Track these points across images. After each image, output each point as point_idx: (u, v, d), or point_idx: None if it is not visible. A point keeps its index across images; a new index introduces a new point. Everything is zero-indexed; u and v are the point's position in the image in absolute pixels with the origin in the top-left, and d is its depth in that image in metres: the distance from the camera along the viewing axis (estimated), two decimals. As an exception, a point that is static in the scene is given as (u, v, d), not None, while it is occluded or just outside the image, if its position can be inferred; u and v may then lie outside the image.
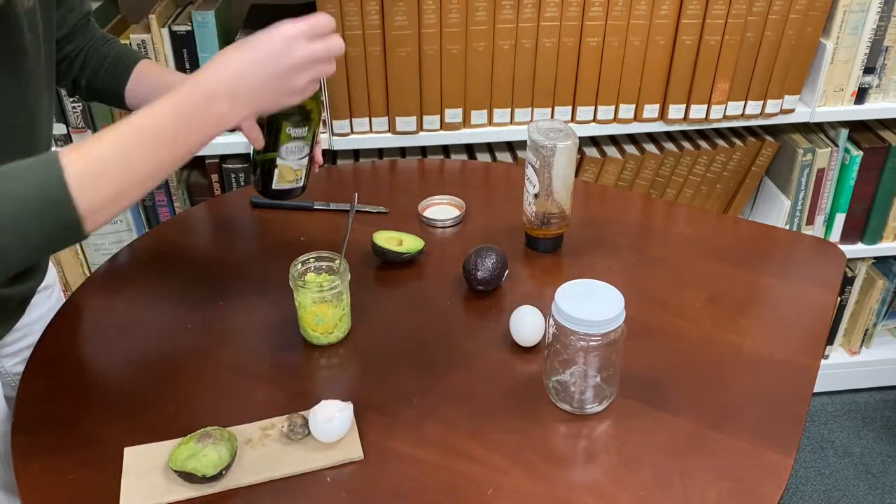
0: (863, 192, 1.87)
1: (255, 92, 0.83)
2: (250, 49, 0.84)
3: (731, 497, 0.85)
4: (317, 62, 0.87)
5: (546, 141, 1.13)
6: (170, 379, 1.01)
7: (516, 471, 0.88)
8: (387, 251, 1.19)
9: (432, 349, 1.05)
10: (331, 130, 1.66)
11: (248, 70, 0.83)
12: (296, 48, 0.85)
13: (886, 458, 2.05)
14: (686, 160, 1.80)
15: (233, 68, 0.82)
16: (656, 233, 1.29)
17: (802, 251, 1.25)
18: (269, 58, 0.84)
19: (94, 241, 1.70)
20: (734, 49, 1.64)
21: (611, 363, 0.93)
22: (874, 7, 1.64)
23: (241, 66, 0.82)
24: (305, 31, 0.86)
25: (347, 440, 0.91)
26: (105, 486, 0.86)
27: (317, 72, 0.87)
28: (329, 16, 0.89)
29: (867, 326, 2.15)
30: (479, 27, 1.58)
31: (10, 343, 1.11)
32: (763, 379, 1.00)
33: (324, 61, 0.88)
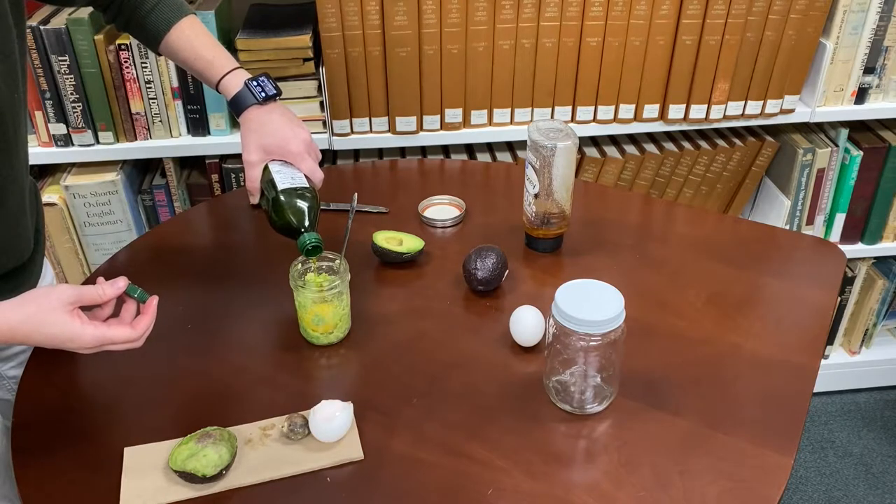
0: (863, 192, 1.87)
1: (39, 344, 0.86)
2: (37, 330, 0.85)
3: (731, 497, 0.85)
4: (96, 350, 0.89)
5: (546, 141, 1.13)
6: (170, 379, 1.01)
7: (516, 471, 0.88)
8: (387, 251, 1.19)
9: (432, 349, 1.05)
10: (331, 130, 1.66)
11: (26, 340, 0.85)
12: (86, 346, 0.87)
13: (886, 458, 2.05)
14: (686, 160, 1.80)
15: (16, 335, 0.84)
16: (656, 233, 1.29)
17: (802, 251, 1.25)
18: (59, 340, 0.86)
19: (93, 242, 1.70)
20: (734, 49, 1.64)
21: (611, 363, 0.93)
22: (874, 7, 1.64)
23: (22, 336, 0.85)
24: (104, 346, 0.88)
25: (347, 440, 0.91)
26: (105, 486, 0.86)
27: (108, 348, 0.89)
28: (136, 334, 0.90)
29: (867, 326, 2.15)
30: (479, 27, 1.57)
31: (6, 347, 1.11)
32: (763, 379, 1.00)
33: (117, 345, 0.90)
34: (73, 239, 1.69)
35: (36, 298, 0.86)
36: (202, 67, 1.13)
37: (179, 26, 1.13)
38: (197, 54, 1.13)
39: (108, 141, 1.63)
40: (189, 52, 1.13)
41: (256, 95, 1.10)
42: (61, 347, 0.87)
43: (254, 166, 1.08)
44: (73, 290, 0.87)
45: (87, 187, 1.63)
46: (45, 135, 1.62)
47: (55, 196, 1.63)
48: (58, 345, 0.86)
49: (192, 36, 1.13)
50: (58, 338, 0.85)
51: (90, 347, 0.87)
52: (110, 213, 1.67)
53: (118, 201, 1.66)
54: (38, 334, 0.85)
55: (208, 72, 1.13)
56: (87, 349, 0.88)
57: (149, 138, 1.65)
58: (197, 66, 1.13)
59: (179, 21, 1.13)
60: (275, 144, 1.09)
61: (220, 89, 1.12)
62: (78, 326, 0.86)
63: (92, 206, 1.65)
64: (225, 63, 1.13)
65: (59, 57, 1.54)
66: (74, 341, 0.86)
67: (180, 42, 1.13)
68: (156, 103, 1.61)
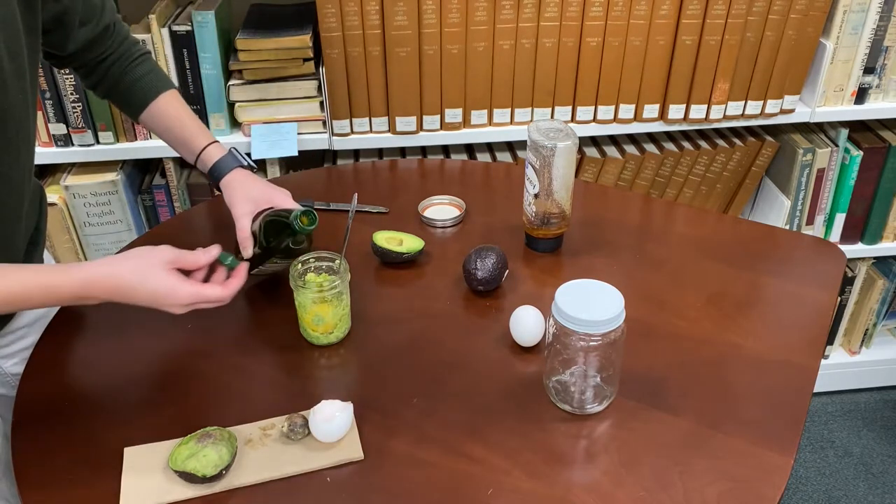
0: (863, 192, 1.87)
1: (131, 301, 0.94)
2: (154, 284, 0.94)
3: (731, 497, 0.85)
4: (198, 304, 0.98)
5: (546, 141, 1.13)
6: (170, 379, 1.01)
7: (516, 471, 0.88)
8: (387, 251, 1.19)
9: (432, 349, 1.05)
10: (331, 130, 1.66)
11: (141, 295, 0.94)
12: (183, 303, 0.96)
13: (886, 458, 2.05)
14: (686, 160, 1.80)
15: (120, 288, 0.93)
16: (656, 233, 1.29)
17: (802, 251, 1.25)
18: (158, 297, 0.95)
19: (94, 242, 1.70)
20: (734, 49, 1.64)
21: (611, 363, 0.93)
22: (874, 7, 1.64)
23: (130, 292, 0.93)
24: (197, 303, 0.97)
25: (347, 440, 0.91)
26: (105, 486, 0.86)
27: (199, 306, 0.98)
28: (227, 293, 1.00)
29: (867, 326, 2.15)
30: (479, 27, 1.57)
31: (8, 344, 1.11)
32: (763, 379, 1.00)
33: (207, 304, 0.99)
34: (73, 239, 1.69)
35: (141, 254, 0.96)
36: (190, 134, 1.19)
37: (167, 96, 1.19)
38: (184, 123, 1.19)
39: (108, 141, 1.63)
40: (176, 120, 1.19)
41: (241, 160, 1.18)
42: (156, 305, 0.95)
43: (244, 217, 1.12)
44: (174, 252, 0.97)
45: (87, 187, 1.63)
46: (46, 135, 1.62)
47: (55, 196, 1.63)
48: (156, 300, 0.94)
49: (179, 106, 1.20)
50: (158, 292, 0.94)
51: (184, 305, 0.96)
52: (110, 213, 1.67)
53: (118, 201, 1.66)
54: (142, 287, 0.93)
55: (196, 139, 1.19)
56: (181, 306, 0.96)
57: (149, 138, 1.65)
58: (184, 133, 1.19)
59: (167, 91, 1.19)
60: (262, 196, 1.13)
61: (204, 155, 1.18)
62: (177, 282, 0.95)
63: (92, 206, 1.65)
64: (209, 135, 1.20)
65: (59, 57, 1.54)
66: (171, 297, 0.94)
67: (169, 109, 1.19)
68: (156, 103, 1.61)
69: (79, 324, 1.11)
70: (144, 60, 1.19)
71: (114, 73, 1.17)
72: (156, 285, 0.94)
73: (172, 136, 1.20)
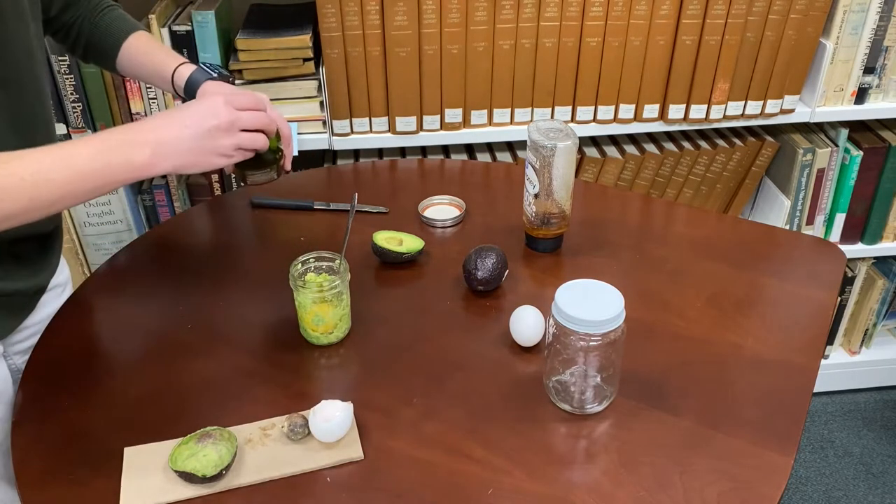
0: (863, 192, 1.87)
1: (179, 145, 0.88)
2: (186, 107, 0.90)
3: (731, 497, 0.85)
4: (241, 129, 0.91)
5: (546, 141, 1.13)
6: (170, 379, 1.01)
7: (516, 471, 0.88)
8: (387, 251, 1.19)
9: (432, 349, 1.05)
10: (331, 130, 1.66)
11: (177, 123, 0.88)
12: (224, 112, 0.91)
13: (886, 458, 2.05)
14: (686, 160, 1.80)
15: (165, 119, 0.88)
16: (656, 233, 1.29)
17: (802, 251, 1.25)
18: (198, 116, 0.89)
19: (93, 242, 1.70)
20: (734, 49, 1.64)
21: (611, 363, 0.93)
22: (874, 7, 1.64)
23: (173, 118, 0.88)
24: (233, 101, 0.93)
25: (347, 440, 0.91)
26: (105, 486, 0.86)
27: (241, 140, 0.92)
28: (256, 95, 0.98)
29: (867, 326, 2.15)
30: (479, 27, 1.57)
31: (21, 340, 1.11)
32: (763, 379, 1.00)
33: (249, 132, 0.93)
34: (74, 239, 1.69)
35: None
36: (160, 61, 1.15)
37: (135, 36, 1.18)
38: (154, 53, 1.16)
39: (108, 141, 1.63)
40: (145, 54, 1.16)
41: (211, 72, 1.14)
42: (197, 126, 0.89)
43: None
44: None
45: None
46: (45, 135, 1.62)
47: (55, 196, 1.63)
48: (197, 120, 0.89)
49: (148, 41, 1.18)
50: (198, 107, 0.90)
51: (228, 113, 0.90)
52: (110, 213, 1.67)
53: (118, 201, 1.66)
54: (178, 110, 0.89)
55: (165, 64, 1.15)
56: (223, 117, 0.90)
57: (149, 138, 1.65)
58: (154, 62, 1.16)
59: (135, 32, 1.18)
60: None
61: (176, 77, 1.14)
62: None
63: (92, 205, 1.65)
64: (179, 58, 1.16)
65: (59, 57, 1.54)
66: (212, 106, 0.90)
67: (139, 46, 1.17)
68: (156, 103, 1.61)
69: (79, 323, 1.11)
70: (110, 10, 1.19)
71: (85, 29, 1.17)
72: (189, 105, 0.90)
73: (146, 71, 1.18)
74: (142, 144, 0.86)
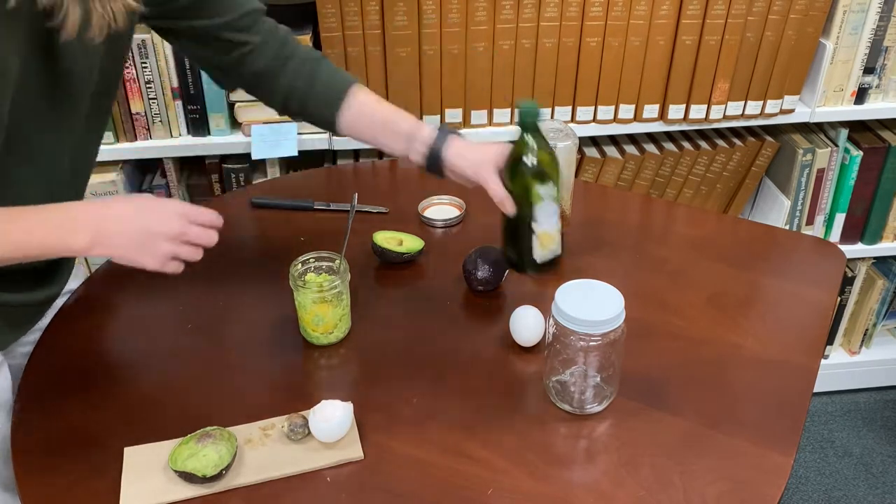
0: (863, 192, 1.87)
1: (119, 238, 0.87)
2: (136, 203, 0.90)
3: (731, 497, 0.85)
4: (184, 243, 0.91)
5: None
6: (170, 379, 1.01)
7: (516, 471, 0.88)
8: (387, 251, 1.19)
9: (432, 349, 1.05)
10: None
11: (124, 216, 0.88)
12: (176, 223, 0.90)
13: (886, 458, 2.05)
14: (686, 160, 1.80)
15: (112, 209, 0.88)
16: (656, 233, 1.29)
17: (802, 251, 1.25)
18: (147, 217, 0.89)
19: (94, 241, 1.70)
20: (734, 49, 1.64)
21: (611, 363, 0.93)
22: (874, 7, 1.64)
23: (121, 210, 0.88)
24: (190, 214, 0.92)
25: (347, 440, 0.91)
26: (105, 486, 0.86)
27: (180, 251, 0.92)
28: (217, 214, 0.95)
29: (867, 326, 2.15)
30: (479, 27, 1.57)
31: (31, 342, 1.11)
32: (763, 379, 1.00)
33: (192, 245, 0.92)
34: (73, 239, 1.69)
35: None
36: (401, 118, 1.12)
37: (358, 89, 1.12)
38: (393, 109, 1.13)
39: (108, 141, 1.63)
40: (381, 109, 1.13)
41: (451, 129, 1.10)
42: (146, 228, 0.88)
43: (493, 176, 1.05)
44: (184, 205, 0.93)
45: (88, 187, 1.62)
46: (45, 135, 1.62)
47: (55, 196, 1.63)
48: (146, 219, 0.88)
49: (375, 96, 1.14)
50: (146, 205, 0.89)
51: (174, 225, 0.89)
52: (110, 213, 1.67)
53: (118, 201, 1.66)
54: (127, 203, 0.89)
55: (409, 121, 1.12)
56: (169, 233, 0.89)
57: (149, 138, 1.65)
58: (396, 118, 1.12)
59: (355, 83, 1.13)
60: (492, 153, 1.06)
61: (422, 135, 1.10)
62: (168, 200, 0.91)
63: (92, 206, 1.65)
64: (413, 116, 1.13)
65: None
66: (160, 210, 0.89)
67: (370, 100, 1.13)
68: (156, 103, 1.61)
69: (80, 323, 1.11)
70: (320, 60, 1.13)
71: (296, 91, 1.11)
72: (144, 201, 0.89)
73: (380, 129, 1.12)
74: (83, 230, 0.85)
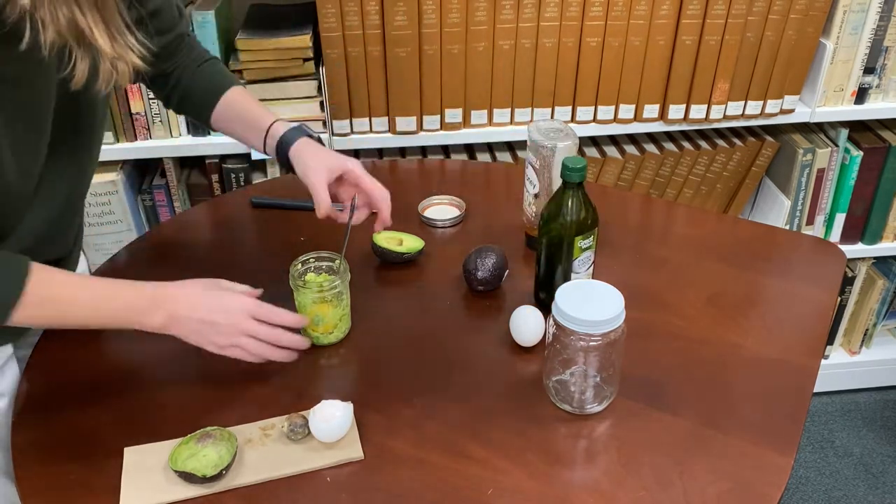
0: (863, 192, 1.87)
1: (187, 324, 0.94)
2: (213, 294, 0.96)
3: (731, 497, 0.85)
4: (246, 338, 0.96)
5: (546, 141, 1.13)
6: (170, 379, 1.01)
7: (516, 471, 0.88)
8: (387, 251, 1.19)
9: (432, 349, 1.05)
10: (331, 130, 1.66)
11: (194, 304, 0.95)
12: (237, 317, 0.96)
13: (886, 458, 2.05)
14: (686, 160, 1.80)
15: (187, 297, 0.95)
16: (656, 233, 1.29)
17: (802, 251, 1.25)
18: (216, 309, 0.95)
19: (94, 242, 1.69)
20: (734, 49, 1.64)
21: (611, 363, 0.93)
22: (874, 7, 1.64)
23: (195, 300, 0.95)
24: (258, 313, 0.97)
25: (347, 440, 0.91)
26: (105, 486, 0.86)
27: (241, 343, 0.96)
28: (299, 317, 1.01)
29: (867, 326, 2.15)
30: (479, 27, 1.57)
31: (34, 334, 1.11)
32: (763, 379, 1.00)
33: (255, 342, 0.97)
34: (73, 239, 1.69)
35: None
36: (255, 116, 1.16)
37: (233, 91, 1.18)
38: (250, 108, 1.18)
39: (108, 141, 1.63)
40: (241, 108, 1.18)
41: (309, 132, 1.14)
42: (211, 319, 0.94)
43: (321, 185, 1.08)
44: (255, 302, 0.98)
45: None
46: (45, 135, 1.61)
47: (55, 196, 1.63)
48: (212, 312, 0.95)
49: (245, 96, 1.19)
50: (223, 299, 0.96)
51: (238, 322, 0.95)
52: (110, 213, 1.67)
53: (118, 201, 1.66)
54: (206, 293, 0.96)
55: (262, 119, 1.16)
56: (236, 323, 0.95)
57: (149, 138, 1.65)
58: (249, 117, 1.17)
59: (234, 87, 1.19)
60: (335, 164, 1.10)
61: (271, 131, 1.14)
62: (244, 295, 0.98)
63: (92, 206, 1.65)
64: (274, 115, 1.17)
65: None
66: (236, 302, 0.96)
67: (235, 99, 1.18)
68: (156, 103, 1.61)
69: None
70: (211, 63, 1.20)
71: (183, 80, 1.17)
72: (214, 292, 0.96)
73: (240, 126, 1.18)
74: (160, 311, 0.93)
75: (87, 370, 1.03)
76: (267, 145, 1.15)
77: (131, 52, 0.82)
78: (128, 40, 0.81)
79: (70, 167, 0.99)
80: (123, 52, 0.81)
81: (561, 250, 1.06)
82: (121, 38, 0.80)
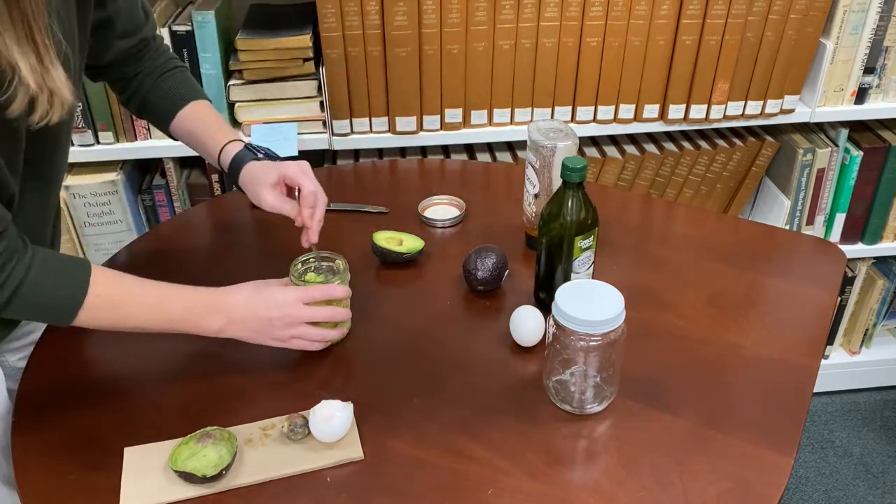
0: (863, 192, 1.87)
1: (246, 325, 0.98)
2: (264, 292, 0.99)
3: (731, 497, 0.85)
4: (304, 327, 1.00)
5: (546, 141, 1.13)
6: (170, 379, 1.01)
7: (516, 471, 0.88)
8: (387, 251, 1.19)
9: (432, 349, 1.05)
10: (331, 130, 1.66)
11: (252, 306, 0.98)
12: (289, 308, 0.98)
13: (886, 458, 2.05)
14: (686, 160, 1.80)
15: (245, 300, 0.98)
16: (656, 233, 1.29)
17: (802, 251, 1.25)
18: (269, 305, 0.98)
19: (94, 241, 1.70)
20: (734, 49, 1.64)
21: (611, 363, 0.93)
22: (874, 7, 1.64)
23: (251, 301, 0.98)
24: (304, 297, 1.00)
25: (347, 440, 0.91)
26: (105, 486, 0.86)
27: (301, 332, 1.00)
28: (344, 287, 1.03)
29: (867, 326, 2.15)
30: (479, 27, 1.57)
31: (17, 338, 1.11)
32: (763, 379, 1.00)
33: (313, 329, 1.00)
34: (74, 239, 1.69)
35: None
36: (210, 134, 1.17)
37: (195, 104, 1.18)
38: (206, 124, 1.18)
39: (108, 141, 1.63)
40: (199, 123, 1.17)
41: (256, 153, 1.15)
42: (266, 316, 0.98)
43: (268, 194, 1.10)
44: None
45: (88, 187, 1.63)
46: (45, 135, 1.61)
47: (55, 196, 1.63)
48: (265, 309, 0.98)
49: (205, 111, 1.19)
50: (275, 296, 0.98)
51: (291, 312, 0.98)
52: (110, 213, 1.67)
53: (118, 201, 1.66)
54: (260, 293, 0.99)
55: (215, 137, 1.16)
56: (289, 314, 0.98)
57: (149, 138, 1.65)
58: (204, 134, 1.17)
59: (197, 100, 1.18)
60: (276, 177, 1.11)
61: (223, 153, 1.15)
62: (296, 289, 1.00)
63: (92, 206, 1.65)
64: (230, 134, 1.17)
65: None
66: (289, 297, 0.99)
67: (194, 114, 1.18)
68: (156, 103, 1.61)
69: (79, 324, 1.11)
70: (177, 72, 1.19)
71: (145, 86, 1.17)
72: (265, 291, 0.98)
73: (196, 140, 1.18)
74: (220, 314, 0.97)
75: (87, 370, 1.03)
76: (221, 163, 1.16)
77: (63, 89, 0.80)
78: (58, 75, 0.79)
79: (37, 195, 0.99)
80: (53, 87, 0.79)
81: (561, 250, 1.06)
82: (53, 72, 0.79)
